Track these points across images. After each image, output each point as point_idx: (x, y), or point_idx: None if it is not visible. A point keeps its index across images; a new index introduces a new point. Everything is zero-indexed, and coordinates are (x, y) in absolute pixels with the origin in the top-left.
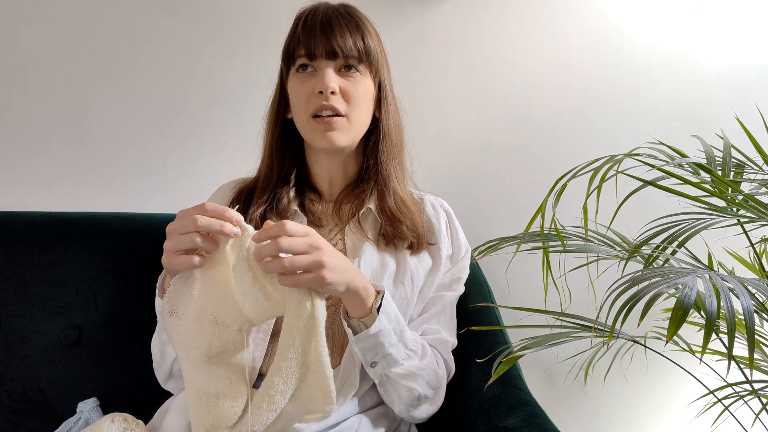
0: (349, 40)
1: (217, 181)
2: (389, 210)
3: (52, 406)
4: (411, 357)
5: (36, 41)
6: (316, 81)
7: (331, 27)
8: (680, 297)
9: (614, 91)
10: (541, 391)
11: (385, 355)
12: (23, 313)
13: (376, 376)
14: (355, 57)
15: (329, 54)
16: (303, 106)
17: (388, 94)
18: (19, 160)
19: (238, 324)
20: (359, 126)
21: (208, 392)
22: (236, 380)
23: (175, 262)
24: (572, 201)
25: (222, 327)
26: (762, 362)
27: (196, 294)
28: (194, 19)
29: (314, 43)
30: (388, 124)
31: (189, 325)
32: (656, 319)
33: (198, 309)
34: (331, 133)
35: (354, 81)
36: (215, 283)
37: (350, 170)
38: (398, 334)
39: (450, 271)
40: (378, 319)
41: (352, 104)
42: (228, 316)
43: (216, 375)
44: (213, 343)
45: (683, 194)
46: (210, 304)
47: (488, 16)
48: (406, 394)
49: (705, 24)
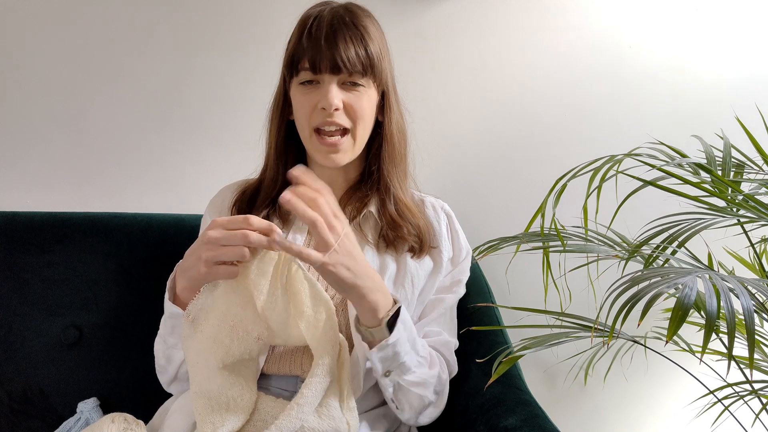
0: (352, 53)
1: (216, 181)
2: (390, 215)
3: (52, 406)
4: (422, 364)
5: (36, 41)
6: (320, 95)
7: (336, 40)
8: (680, 297)
9: (614, 91)
10: (541, 391)
11: (399, 363)
12: (23, 313)
13: (390, 385)
14: (359, 71)
15: (333, 69)
16: (306, 118)
17: (392, 100)
18: (19, 160)
19: (257, 332)
20: (362, 140)
21: (219, 400)
22: (247, 387)
23: (215, 272)
24: (572, 201)
25: (242, 333)
26: (762, 362)
27: (218, 301)
28: (194, 19)
29: (319, 57)
30: (390, 130)
31: (208, 331)
32: (656, 319)
33: (219, 315)
34: (335, 155)
35: (358, 94)
36: (237, 290)
37: (352, 174)
38: (411, 342)
39: (450, 273)
40: (396, 329)
41: (356, 119)
42: (248, 324)
43: (229, 383)
44: (231, 350)
45: (683, 194)
46: (231, 311)
47: (489, 15)
48: (417, 402)
49: (705, 24)
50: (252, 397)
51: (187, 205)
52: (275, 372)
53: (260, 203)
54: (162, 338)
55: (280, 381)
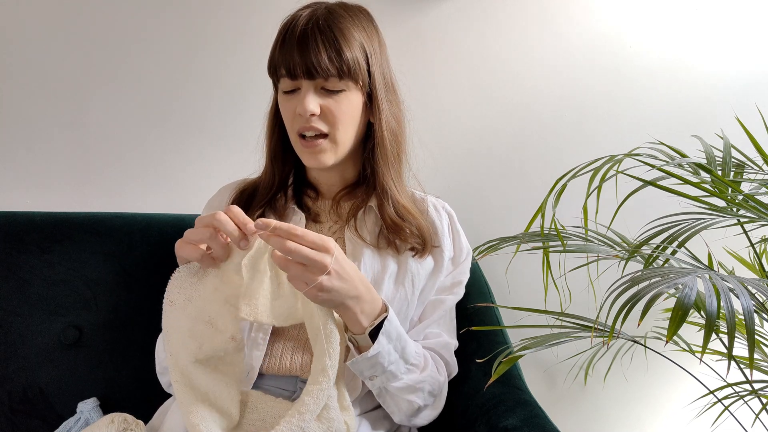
0: (325, 58)
1: (216, 180)
2: (390, 218)
3: (52, 406)
4: (411, 371)
5: (36, 41)
6: (298, 101)
7: (307, 45)
8: (680, 297)
9: (614, 91)
10: (541, 391)
11: (384, 371)
12: (23, 313)
13: (374, 388)
14: (335, 75)
15: (307, 74)
16: (290, 123)
17: (381, 102)
18: (19, 160)
19: (232, 332)
20: (345, 143)
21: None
22: (232, 385)
23: (182, 248)
24: (572, 201)
25: (215, 331)
26: (762, 362)
27: (198, 293)
28: (194, 19)
29: (293, 63)
30: (381, 132)
31: (184, 321)
32: (656, 319)
33: (197, 308)
34: (318, 155)
35: (337, 99)
36: (218, 287)
37: (348, 175)
38: (399, 351)
39: (451, 274)
40: (378, 341)
41: (335, 123)
42: (223, 322)
43: (207, 379)
44: (203, 345)
45: (683, 194)
46: (208, 307)
47: (489, 15)
48: (406, 406)
49: (705, 24)
50: (236, 397)
51: (187, 205)
52: (274, 372)
53: (256, 204)
54: None
55: (279, 381)
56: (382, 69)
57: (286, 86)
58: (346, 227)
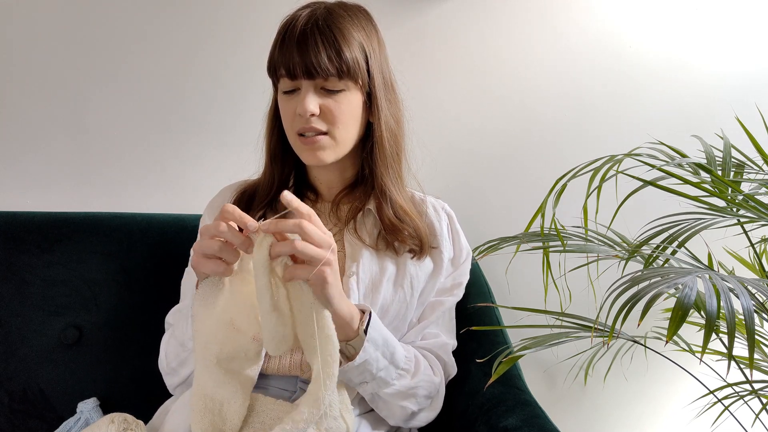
0: (324, 58)
1: (216, 180)
2: (388, 219)
3: (52, 406)
4: (403, 376)
5: (35, 41)
6: (298, 101)
7: (307, 45)
8: (680, 297)
9: (614, 91)
10: (541, 391)
11: (374, 378)
12: (23, 313)
13: (366, 394)
14: (334, 75)
15: (307, 74)
16: (289, 123)
17: (381, 101)
18: (19, 160)
19: (253, 332)
20: (345, 141)
21: (213, 398)
22: (242, 391)
23: (202, 264)
24: (572, 201)
25: (237, 331)
26: (762, 362)
27: (220, 297)
28: (195, 19)
29: (292, 63)
30: (380, 132)
31: (208, 324)
32: (656, 319)
33: (219, 311)
34: (318, 152)
35: (336, 99)
36: (239, 288)
37: (347, 174)
38: (388, 357)
39: (451, 275)
40: (363, 349)
41: (335, 123)
42: (244, 322)
43: (223, 381)
44: (225, 346)
45: (683, 194)
46: (230, 308)
47: (489, 15)
48: (400, 412)
49: (705, 24)
50: (245, 402)
51: (187, 205)
52: (275, 372)
53: (257, 204)
54: (179, 341)
55: (280, 381)
56: (382, 69)
57: (286, 86)
58: (346, 229)
